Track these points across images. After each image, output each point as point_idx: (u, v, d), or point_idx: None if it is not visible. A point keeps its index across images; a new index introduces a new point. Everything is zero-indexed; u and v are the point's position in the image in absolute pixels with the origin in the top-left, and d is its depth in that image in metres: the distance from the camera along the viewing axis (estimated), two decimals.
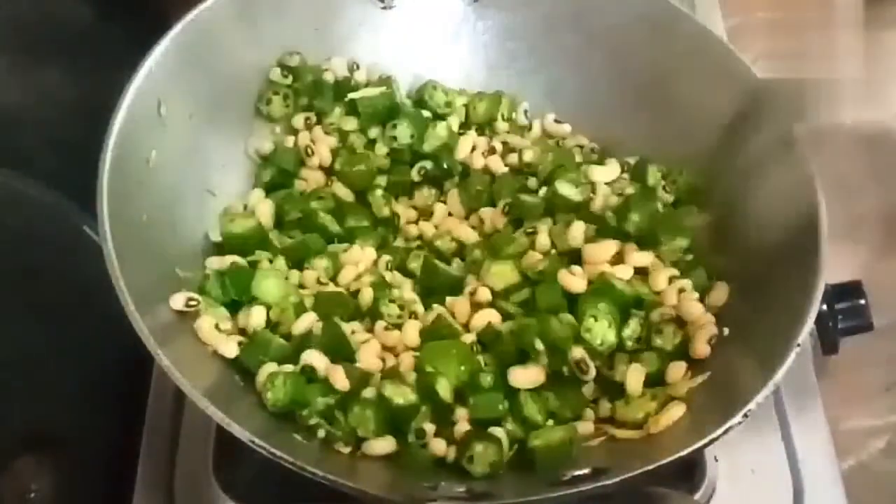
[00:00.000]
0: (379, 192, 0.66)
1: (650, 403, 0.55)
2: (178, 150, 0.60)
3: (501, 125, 0.70)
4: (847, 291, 0.66)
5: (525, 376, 0.56)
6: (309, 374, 0.55)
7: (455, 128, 0.69)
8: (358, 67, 0.69)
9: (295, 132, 0.67)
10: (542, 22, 0.70)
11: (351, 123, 0.68)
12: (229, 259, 0.60)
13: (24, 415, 0.63)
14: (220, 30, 0.63)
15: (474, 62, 0.72)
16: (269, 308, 0.58)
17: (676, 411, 0.54)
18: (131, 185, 0.56)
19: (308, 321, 0.58)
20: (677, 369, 0.57)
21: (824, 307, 0.65)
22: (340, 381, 0.55)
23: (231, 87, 0.65)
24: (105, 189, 0.53)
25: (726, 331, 0.58)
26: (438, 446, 0.54)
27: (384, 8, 0.70)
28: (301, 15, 0.68)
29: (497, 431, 0.54)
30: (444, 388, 0.55)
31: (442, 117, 0.69)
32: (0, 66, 0.77)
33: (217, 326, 0.56)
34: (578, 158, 0.68)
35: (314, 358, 0.56)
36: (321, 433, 0.54)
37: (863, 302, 0.66)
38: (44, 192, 0.71)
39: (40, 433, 0.63)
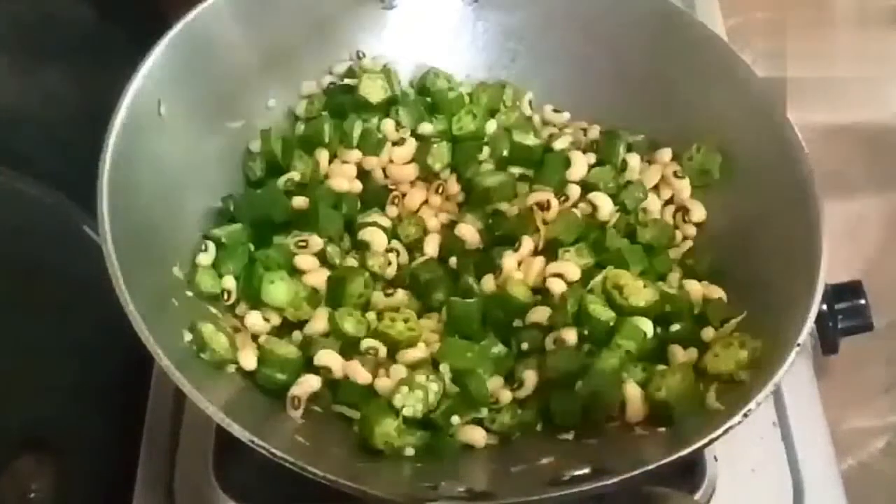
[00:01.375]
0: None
1: (740, 352, 0.55)
2: (179, 149, 0.60)
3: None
4: (847, 291, 0.67)
5: None
6: (325, 375, 0.56)
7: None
8: (363, 56, 0.69)
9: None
10: (542, 22, 0.70)
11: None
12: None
13: (24, 415, 0.63)
14: (219, 29, 0.63)
15: (474, 62, 0.72)
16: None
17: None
18: (131, 184, 0.55)
19: (322, 319, 0.58)
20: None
21: (824, 307, 0.65)
22: (361, 375, 0.56)
23: (231, 86, 0.65)
24: (105, 189, 0.53)
25: None
26: (471, 435, 0.55)
27: (384, 8, 0.70)
28: (300, 15, 0.68)
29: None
30: (480, 384, 0.56)
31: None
32: (0, 66, 0.77)
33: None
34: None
35: (328, 358, 0.56)
36: None
37: (863, 302, 0.66)
38: (44, 191, 0.71)
39: (40, 433, 0.63)
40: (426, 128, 0.68)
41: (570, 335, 0.57)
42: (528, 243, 0.61)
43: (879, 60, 0.81)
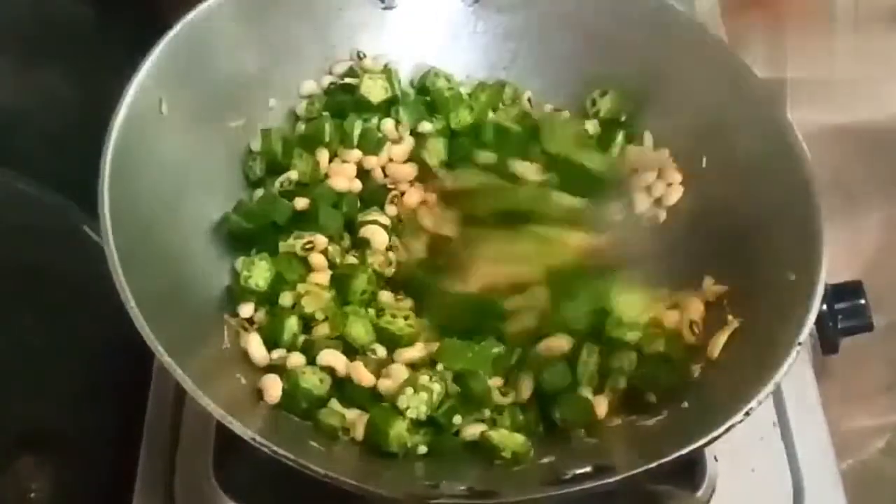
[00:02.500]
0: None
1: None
2: (179, 149, 0.60)
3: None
4: (847, 291, 0.67)
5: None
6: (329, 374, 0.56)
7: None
8: (363, 56, 0.69)
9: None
10: (542, 22, 0.70)
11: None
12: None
13: (24, 414, 0.63)
14: (219, 29, 0.63)
15: (474, 62, 0.72)
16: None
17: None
18: (132, 184, 0.55)
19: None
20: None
21: (824, 307, 0.65)
22: (365, 377, 0.56)
23: (231, 86, 0.65)
24: (106, 189, 0.53)
25: None
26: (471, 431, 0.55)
27: (384, 8, 0.70)
28: (301, 15, 0.68)
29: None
30: (481, 384, 0.56)
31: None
32: (0, 66, 0.77)
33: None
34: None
35: (331, 358, 0.56)
36: None
37: (863, 302, 0.66)
38: (44, 192, 0.71)
39: (40, 433, 0.63)
40: (426, 127, 0.68)
41: (562, 343, 0.57)
42: None
43: (879, 60, 0.81)
